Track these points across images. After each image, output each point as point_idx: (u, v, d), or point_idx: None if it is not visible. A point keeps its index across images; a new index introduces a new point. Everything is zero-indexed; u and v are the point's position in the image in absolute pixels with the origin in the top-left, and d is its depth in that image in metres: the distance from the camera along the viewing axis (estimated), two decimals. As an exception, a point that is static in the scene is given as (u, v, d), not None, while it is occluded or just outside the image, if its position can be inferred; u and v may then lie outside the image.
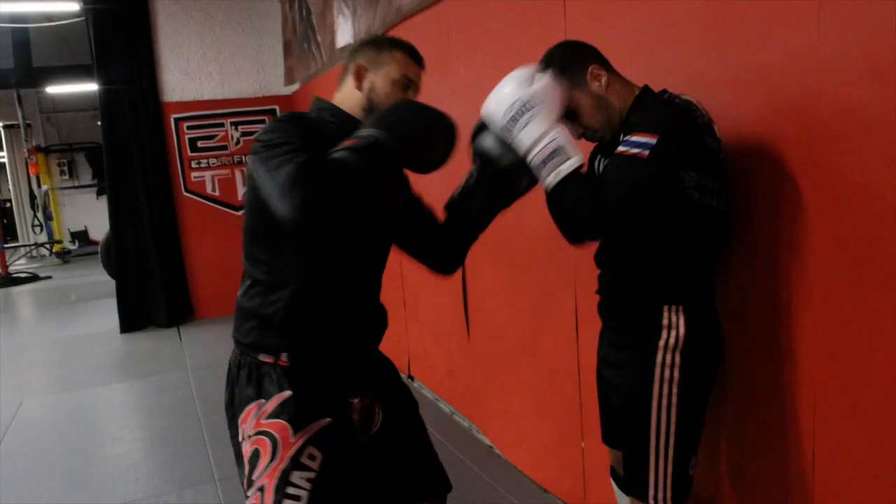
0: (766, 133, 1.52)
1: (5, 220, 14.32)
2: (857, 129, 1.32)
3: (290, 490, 1.42)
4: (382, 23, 3.68)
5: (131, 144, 5.83)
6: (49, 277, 10.05)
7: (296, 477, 1.43)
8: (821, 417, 1.47)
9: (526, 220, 2.58)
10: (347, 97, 1.61)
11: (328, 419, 1.49)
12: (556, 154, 1.41)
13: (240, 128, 6.19)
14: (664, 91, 1.55)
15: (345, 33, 4.30)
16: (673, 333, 1.47)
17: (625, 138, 1.43)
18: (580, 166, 1.43)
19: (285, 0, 5.74)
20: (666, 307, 1.48)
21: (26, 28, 7.73)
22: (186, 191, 6.11)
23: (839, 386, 1.42)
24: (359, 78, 1.61)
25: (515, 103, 1.44)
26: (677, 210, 1.44)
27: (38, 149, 12.42)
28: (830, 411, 1.45)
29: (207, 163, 6.14)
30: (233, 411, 1.54)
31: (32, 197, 12.80)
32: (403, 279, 4.03)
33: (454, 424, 3.44)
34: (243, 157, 6.20)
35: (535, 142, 1.43)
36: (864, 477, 1.39)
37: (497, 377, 3.02)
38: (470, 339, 3.23)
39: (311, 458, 1.45)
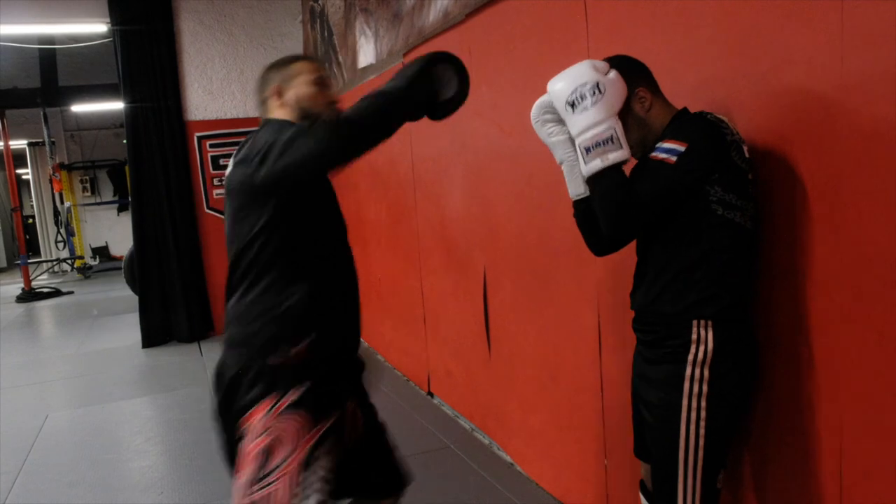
0: (789, 152, 1.55)
1: (28, 236, 14.54)
2: (880, 149, 1.34)
3: (313, 474, 1.53)
4: (405, 43, 3.75)
5: (155, 162, 5.95)
6: (71, 293, 10.18)
7: (317, 466, 1.53)
8: (848, 435, 1.48)
9: (547, 236, 2.61)
10: (280, 117, 1.77)
11: (340, 411, 1.61)
12: (609, 142, 1.47)
13: (261, 146, 6.27)
14: (701, 111, 1.59)
15: (367, 54, 4.37)
16: (702, 348, 1.49)
17: (658, 146, 1.50)
18: (626, 161, 1.50)
19: (307, 20, 5.85)
20: (695, 321, 1.50)
21: (53, 49, 7.91)
22: (208, 208, 6.20)
23: (867, 402, 1.43)
24: (280, 96, 1.79)
25: (587, 84, 1.49)
26: (700, 223, 1.49)
27: (61, 166, 12.63)
28: (858, 429, 1.46)
29: (229, 180, 6.22)
30: (230, 416, 1.61)
31: (56, 213, 13.00)
32: (423, 295, 4.07)
33: (475, 441, 3.46)
34: (264, 175, 6.29)
35: (593, 124, 1.48)
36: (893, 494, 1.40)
37: (518, 393, 3.04)
38: (491, 355, 3.25)
39: (329, 447, 1.56)
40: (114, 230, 13.11)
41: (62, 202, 12.86)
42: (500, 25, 2.85)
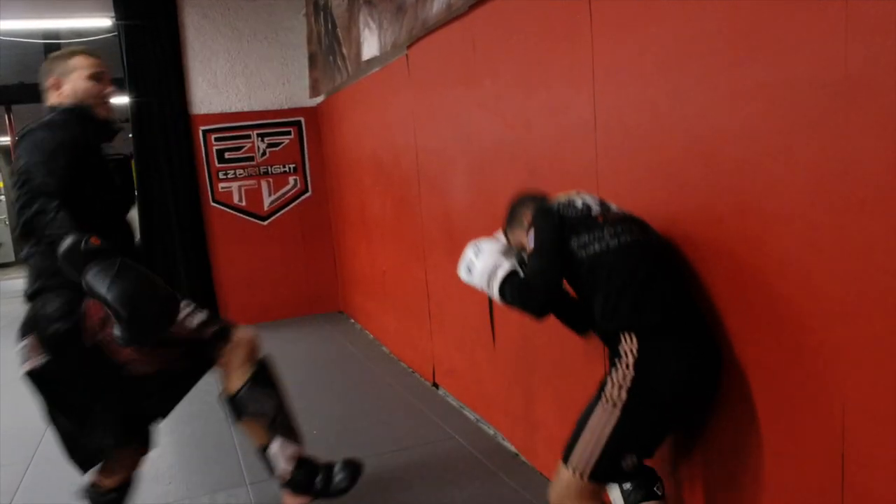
0: (794, 145, 1.56)
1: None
2: (886, 140, 1.35)
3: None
4: (408, 35, 3.75)
5: (161, 156, 5.97)
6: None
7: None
8: (850, 421, 1.50)
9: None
10: (57, 103, 2.12)
11: None
12: (495, 270, 2.05)
13: (266, 139, 6.30)
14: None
15: (371, 46, 4.38)
16: (629, 356, 1.78)
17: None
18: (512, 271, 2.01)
19: (310, 13, 5.85)
20: (622, 334, 1.81)
21: (58, 44, 7.93)
22: (214, 201, 6.23)
23: (869, 390, 1.45)
24: (58, 88, 2.08)
25: (469, 255, 2.15)
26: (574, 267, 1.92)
27: (67, 160, 12.66)
28: (860, 416, 1.47)
29: (234, 174, 6.25)
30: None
31: (61, 207, 13.02)
32: (428, 287, 4.09)
33: (480, 432, 3.48)
34: (269, 168, 6.32)
35: (481, 271, 2.07)
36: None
37: (523, 384, 3.06)
38: (495, 347, 3.27)
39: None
40: (119, 224, 13.16)
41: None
42: (504, 17, 2.86)
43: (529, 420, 3.03)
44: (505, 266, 2.03)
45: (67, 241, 1.82)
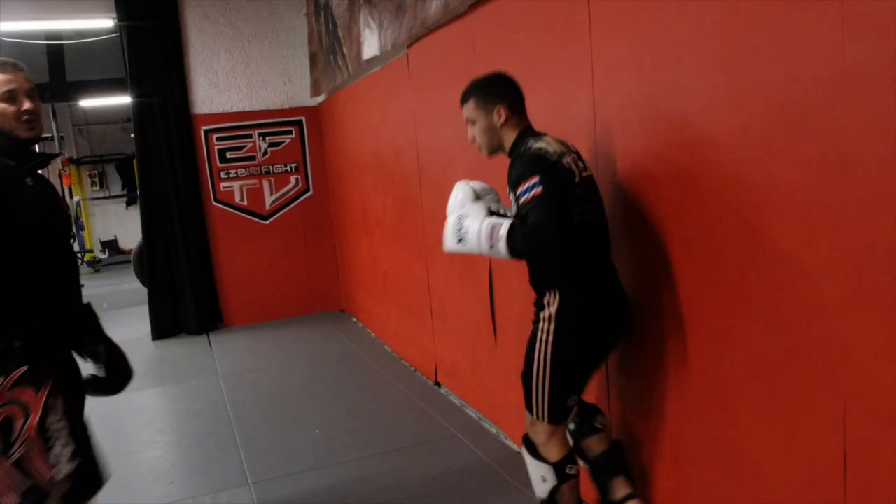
0: (791, 139, 1.56)
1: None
2: (881, 135, 1.35)
3: (52, 426, 1.87)
4: (409, 35, 3.75)
5: (163, 156, 5.98)
6: (82, 286, 10.23)
7: (51, 419, 1.87)
8: (851, 419, 1.50)
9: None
10: None
11: (54, 378, 1.91)
12: (493, 229, 2.00)
13: (267, 138, 6.31)
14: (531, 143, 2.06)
15: (371, 46, 4.38)
16: (551, 308, 2.07)
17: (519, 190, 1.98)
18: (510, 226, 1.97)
19: (311, 13, 5.85)
20: (547, 291, 2.10)
21: (61, 44, 7.94)
22: (216, 200, 6.23)
23: (870, 386, 1.45)
24: None
25: (454, 225, 2.10)
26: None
27: (70, 160, 12.70)
28: (861, 413, 1.47)
29: (236, 173, 6.26)
30: None
31: (65, 207, 13.05)
32: (430, 286, 4.09)
33: (482, 430, 3.48)
34: (271, 168, 6.33)
35: (477, 234, 2.02)
36: None
37: (524, 382, 3.05)
38: (497, 345, 3.27)
39: (53, 407, 1.88)
40: (122, 224, 13.17)
41: (71, 196, 12.94)
42: (504, 17, 2.86)
43: (531, 418, 3.03)
44: (504, 222, 1.99)
45: None
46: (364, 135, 5.14)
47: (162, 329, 6.12)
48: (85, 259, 12.72)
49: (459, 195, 2.15)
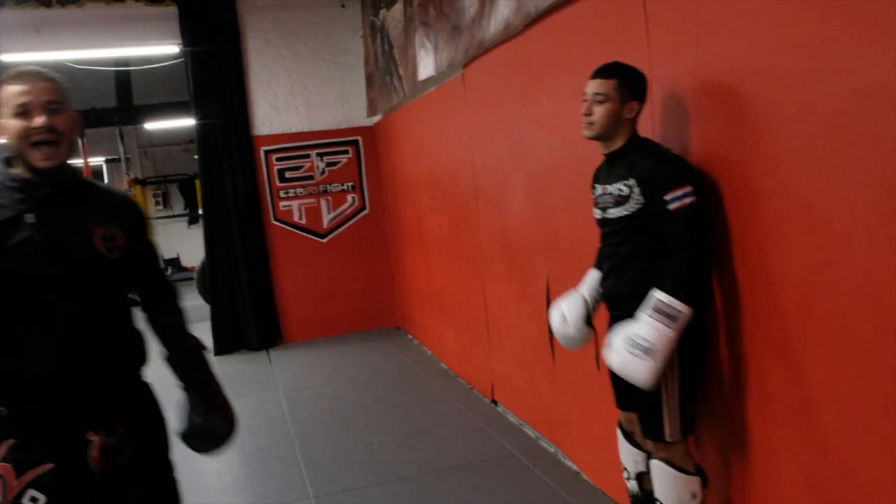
0: (859, 153, 1.52)
1: (105, 249, 15.14)
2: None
3: None
4: (465, 55, 3.80)
5: (224, 176, 6.17)
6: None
7: None
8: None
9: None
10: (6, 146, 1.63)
11: (50, 465, 1.61)
12: (660, 308, 1.96)
13: (325, 158, 6.44)
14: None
15: (427, 66, 4.45)
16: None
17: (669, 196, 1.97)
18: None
19: (367, 35, 5.98)
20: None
21: (128, 70, 8.28)
22: (275, 219, 6.39)
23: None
24: None
25: (628, 346, 1.99)
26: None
27: (136, 181, 13.18)
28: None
29: (295, 192, 6.41)
30: None
31: (131, 226, 13.52)
32: (486, 303, 4.10)
33: (539, 449, 3.46)
34: (328, 187, 6.47)
35: (653, 328, 1.95)
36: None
37: (583, 401, 3.03)
38: (555, 362, 3.25)
39: (33, 500, 1.57)
40: (184, 242, 13.59)
41: (137, 216, 13.39)
42: (559, 34, 2.87)
43: (590, 437, 3.00)
44: (653, 294, 1.96)
45: None
46: (420, 154, 5.20)
47: (224, 345, 6.27)
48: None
49: (576, 319, 2.40)
